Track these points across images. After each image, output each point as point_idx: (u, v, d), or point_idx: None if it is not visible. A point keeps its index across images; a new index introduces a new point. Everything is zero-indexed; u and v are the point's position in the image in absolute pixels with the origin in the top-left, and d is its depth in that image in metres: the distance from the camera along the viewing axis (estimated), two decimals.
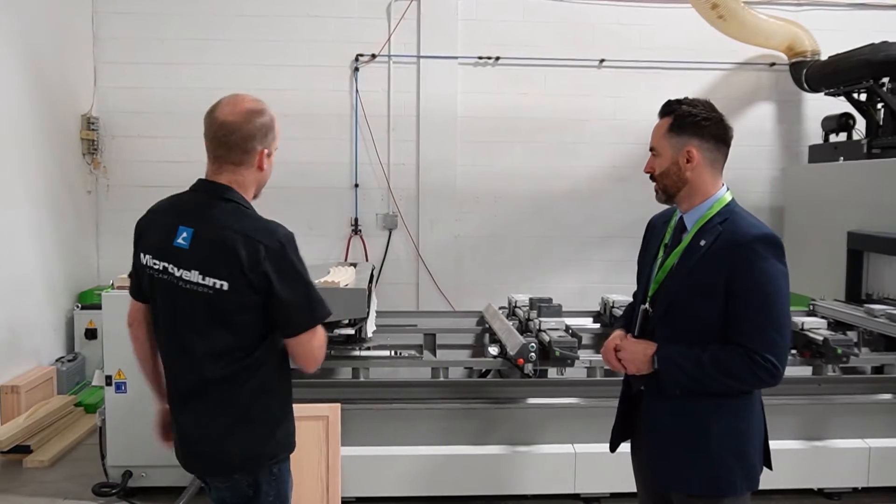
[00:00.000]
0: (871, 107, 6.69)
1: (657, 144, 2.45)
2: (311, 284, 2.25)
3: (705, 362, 2.30)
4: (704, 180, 2.41)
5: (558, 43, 7.34)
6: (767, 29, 7.12)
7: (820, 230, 6.64)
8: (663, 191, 2.46)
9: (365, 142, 7.29)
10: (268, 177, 2.34)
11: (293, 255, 2.22)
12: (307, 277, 2.24)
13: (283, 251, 2.19)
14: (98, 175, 7.11)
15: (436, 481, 4.19)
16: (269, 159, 2.30)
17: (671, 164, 2.41)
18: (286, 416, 2.37)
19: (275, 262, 2.17)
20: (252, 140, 2.24)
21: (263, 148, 2.27)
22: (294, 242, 2.24)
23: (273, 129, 2.29)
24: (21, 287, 5.73)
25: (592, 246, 7.52)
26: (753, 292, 2.27)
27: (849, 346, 4.41)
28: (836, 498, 4.37)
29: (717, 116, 2.40)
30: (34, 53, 6.03)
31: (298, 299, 2.21)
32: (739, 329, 2.29)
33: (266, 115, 2.27)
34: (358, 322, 4.29)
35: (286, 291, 2.18)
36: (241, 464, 2.28)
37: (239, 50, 7.13)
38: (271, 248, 2.17)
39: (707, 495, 2.38)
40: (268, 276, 2.16)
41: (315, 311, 2.26)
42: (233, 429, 2.26)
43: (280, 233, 2.22)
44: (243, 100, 2.26)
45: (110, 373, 4.30)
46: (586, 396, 4.30)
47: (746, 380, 2.30)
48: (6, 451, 4.89)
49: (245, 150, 2.24)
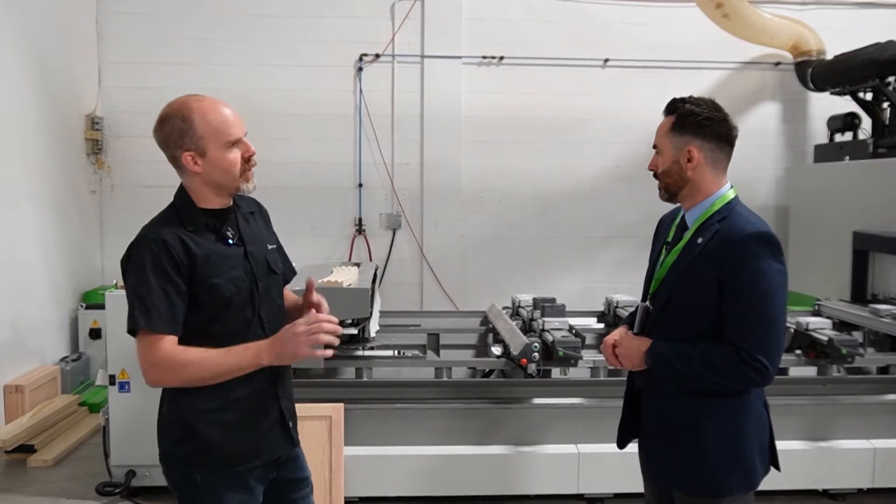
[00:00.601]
0: (877, 106, 6.66)
1: (659, 143, 2.45)
2: (135, 295, 2.12)
3: (695, 359, 2.29)
4: (706, 179, 2.40)
5: (563, 42, 7.33)
6: (772, 28, 7.10)
7: (825, 230, 6.61)
8: (665, 189, 2.47)
9: (369, 141, 7.29)
10: (217, 176, 2.22)
11: (136, 257, 2.15)
12: (134, 286, 2.12)
13: (130, 250, 2.18)
14: (102, 175, 7.13)
15: (439, 481, 4.18)
16: (204, 159, 2.19)
17: (672, 163, 2.41)
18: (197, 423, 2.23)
19: (123, 258, 2.20)
20: (166, 147, 2.22)
21: (184, 151, 2.18)
22: (144, 247, 2.14)
23: (190, 130, 2.16)
24: (25, 287, 5.75)
25: (596, 246, 7.51)
26: (746, 290, 2.25)
27: (854, 347, 4.39)
28: (841, 499, 4.35)
29: (719, 116, 2.38)
30: (38, 53, 6.04)
31: (128, 302, 2.16)
32: (730, 327, 2.28)
33: (176, 118, 2.17)
34: (361, 322, 4.28)
35: (125, 290, 2.17)
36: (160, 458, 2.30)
37: (243, 50, 7.13)
38: (130, 245, 2.20)
39: (703, 494, 2.37)
40: (121, 269, 2.20)
41: (129, 319, 2.12)
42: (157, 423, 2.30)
43: (141, 234, 2.20)
44: (166, 107, 2.23)
45: (114, 372, 4.30)
46: (590, 396, 4.29)
47: (735, 378, 2.28)
48: (10, 451, 4.90)
49: (170, 157, 2.24)
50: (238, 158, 2.23)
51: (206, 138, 2.18)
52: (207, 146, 2.18)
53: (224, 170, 2.21)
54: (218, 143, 2.19)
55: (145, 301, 2.09)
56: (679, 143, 2.39)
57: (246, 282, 2.25)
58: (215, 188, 2.24)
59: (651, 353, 2.39)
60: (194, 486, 2.22)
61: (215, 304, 2.18)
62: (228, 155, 2.21)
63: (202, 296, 2.16)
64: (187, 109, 2.17)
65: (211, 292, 2.17)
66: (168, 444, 2.25)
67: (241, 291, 2.23)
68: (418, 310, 7.00)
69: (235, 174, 2.23)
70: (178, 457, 2.23)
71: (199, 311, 2.17)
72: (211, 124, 2.18)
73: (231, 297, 2.21)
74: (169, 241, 2.13)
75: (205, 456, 2.21)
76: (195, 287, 2.15)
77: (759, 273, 2.25)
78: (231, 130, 2.21)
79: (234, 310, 2.23)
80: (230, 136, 2.20)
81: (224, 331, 2.20)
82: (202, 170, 2.20)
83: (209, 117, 2.18)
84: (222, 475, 2.23)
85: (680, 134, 2.38)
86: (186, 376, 2.12)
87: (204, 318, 2.18)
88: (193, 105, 2.19)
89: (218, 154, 2.19)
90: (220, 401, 2.20)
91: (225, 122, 2.20)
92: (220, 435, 2.22)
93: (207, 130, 2.17)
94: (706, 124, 2.37)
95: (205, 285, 2.16)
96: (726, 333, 2.29)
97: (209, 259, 2.18)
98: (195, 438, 2.21)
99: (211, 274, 2.17)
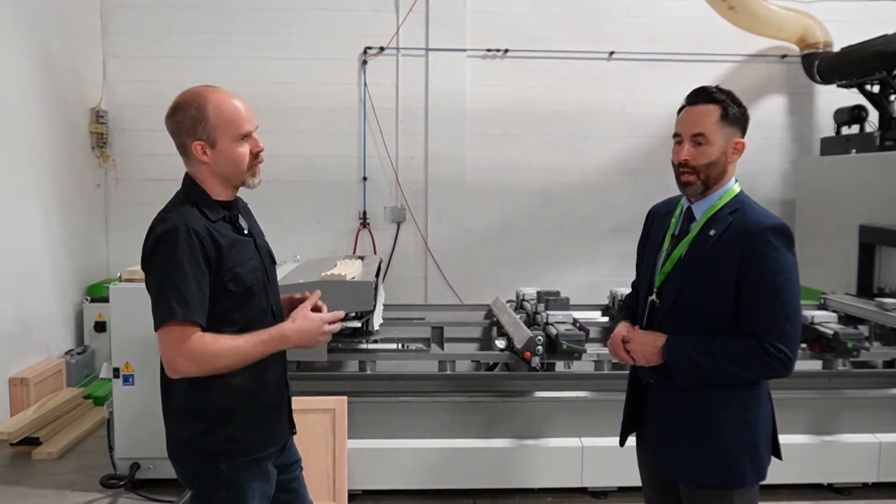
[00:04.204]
0: (884, 99, 6.62)
1: (709, 132, 2.33)
2: (169, 284, 2.08)
3: (716, 353, 2.29)
4: (731, 173, 2.40)
5: (568, 35, 7.30)
6: (779, 20, 7.06)
7: (831, 223, 6.58)
8: (704, 181, 2.36)
9: (373, 135, 7.28)
10: (224, 169, 2.23)
11: (168, 247, 2.10)
12: (169, 276, 2.09)
13: (161, 239, 2.13)
14: (107, 168, 7.14)
15: (442, 474, 4.18)
16: (213, 150, 2.20)
17: (721, 154, 2.35)
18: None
19: (150, 247, 2.15)
20: (178, 136, 2.22)
21: (194, 140, 2.19)
22: (178, 236, 2.10)
23: (204, 119, 2.18)
24: (30, 280, 5.76)
25: (601, 239, 7.49)
26: (765, 282, 2.26)
27: (860, 340, 4.37)
28: (846, 493, 4.33)
29: (747, 110, 2.41)
30: (43, 47, 6.04)
31: (152, 294, 2.14)
32: (751, 319, 2.28)
33: (190, 107, 2.19)
34: (365, 315, 4.28)
35: (148, 281, 2.15)
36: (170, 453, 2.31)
37: (248, 43, 7.13)
38: (155, 233, 2.15)
39: (716, 487, 2.36)
40: (143, 259, 2.17)
41: (157, 313, 2.11)
42: (164, 418, 2.30)
43: (169, 223, 2.14)
44: (179, 95, 2.24)
45: (118, 365, 4.31)
46: (594, 390, 4.29)
47: (758, 370, 2.29)
48: (15, 443, 4.92)
49: (179, 145, 2.24)
50: (247, 153, 2.26)
51: (219, 129, 2.20)
52: (218, 137, 2.20)
53: (233, 162, 2.24)
54: (229, 136, 2.21)
55: (182, 291, 2.08)
56: (729, 134, 2.35)
57: (260, 270, 2.30)
58: (221, 179, 2.26)
59: (669, 348, 2.36)
60: (217, 476, 2.23)
61: (240, 292, 2.22)
62: (238, 148, 2.23)
63: (230, 285, 2.19)
64: (203, 99, 2.20)
65: (236, 281, 2.20)
66: (187, 436, 2.24)
67: (259, 280, 2.28)
68: (422, 303, 7.00)
69: (243, 168, 2.26)
70: (201, 448, 2.23)
71: (224, 300, 2.19)
72: (224, 116, 2.20)
73: (252, 286, 2.25)
74: (199, 230, 2.15)
75: (231, 444, 2.23)
76: (223, 276, 2.18)
77: (778, 265, 2.26)
78: (243, 124, 2.23)
79: (255, 298, 2.27)
80: (242, 129, 2.23)
81: (245, 318, 2.23)
82: (210, 160, 2.22)
83: (223, 109, 2.20)
84: (246, 462, 2.26)
85: (729, 125, 2.35)
86: (217, 365, 2.14)
87: (228, 307, 2.20)
88: (209, 95, 2.21)
89: (228, 146, 2.22)
90: (250, 388, 2.25)
91: (238, 116, 2.22)
92: (250, 421, 2.25)
93: (220, 122, 2.19)
94: (748, 117, 2.38)
95: (230, 274, 2.19)
96: (745, 325, 2.28)
97: (232, 249, 2.21)
98: (224, 426, 2.22)
99: (234, 263, 2.21)
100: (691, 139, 2.35)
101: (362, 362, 4.40)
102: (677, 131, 2.41)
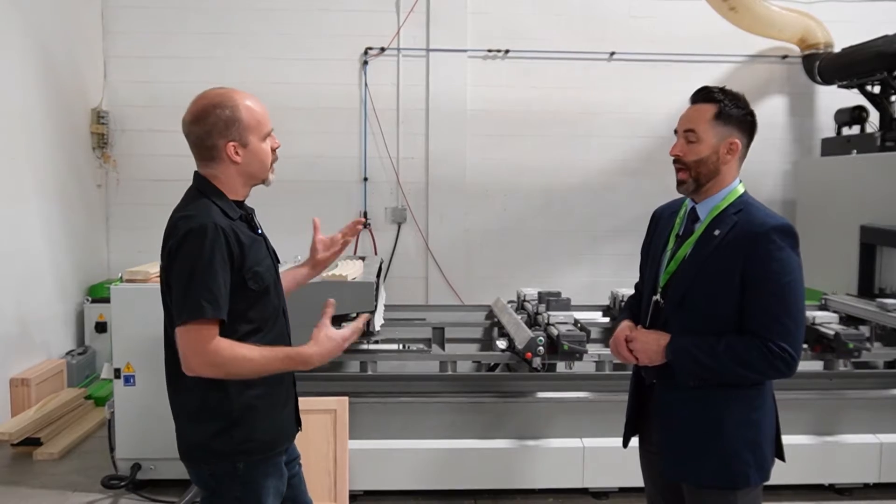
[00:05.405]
0: (885, 99, 6.62)
1: (700, 129, 2.37)
2: (199, 282, 2.08)
3: (720, 352, 2.29)
4: (731, 173, 2.41)
5: (568, 36, 7.30)
6: (780, 21, 7.06)
7: (832, 224, 6.58)
8: (695, 179, 2.39)
9: (374, 135, 7.28)
10: (254, 167, 2.28)
11: (197, 244, 2.10)
12: (199, 273, 2.09)
13: (187, 236, 2.12)
14: (108, 169, 7.13)
15: (444, 475, 4.18)
16: (245, 150, 2.24)
17: (711, 153, 2.37)
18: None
19: (176, 244, 2.14)
20: (209, 137, 2.22)
21: (228, 141, 2.22)
22: (206, 233, 2.10)
23: (237, 121, 2.21)
24: (31, 281, 5.76)
25: (602, 240, 7.49)
26: (770, 282, 2.27)
27: (861, 341, 4.38)
28: (847, 494, 4.33)
29: (754, 113, 2.41)
30: (44, 47, 6.04)
31: (179, 290, 2.12)
32: (755, 319, 2.28)
33: (223, 108, 2.21)
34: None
35: (174, 277, 2.14)
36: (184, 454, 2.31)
37: (249, 43, 7.13)
38: (181, 229, 2.14)
39: (720, 487, 2.36)
40: (169, 255, 2.17)
41: (183, 310, 2.09)
42: (176, 418, 2.31)
43: (196, 220, 2.13)
44: (203, 97, 2.25)
45: (119, 366, 4.30)
46: (595, 390, 4.29)
47: (762, 370, 2.29)
48: (16, 444, 4.92)
49: (205, 147, 2.23)
50: (269, 150, 2.32)
51: (251, 129, 2.25)
52: (250, 137, 2.25)
53: (260, 161, 2.29)
54: (258, 135, 2.27)
55: (212, 289, 2.10)
56: (723, 134, 2.36)
57: (273, 269, 2.34)
58: (248, 178, 2.31)
59: (673, 348, 2.37)
60: (234, 476, 2.24)
61: (260, 291, 2.24)
62: (264, 146, 2.30)
63: (250, 283, 2.21)
64: (233, 101, 2.23)
65: (256, 280, 2.22)
66: (203, 437, 2.24)
67: (273, 280, 2.32)
68: (423, 304, 7.00)
69: (268, 165, 2.33)
70: (218, 448, 2.23)
71: (243, 299, 2.20)
72: (255, 116, 2.26)
73: (269, 285, 2.29)
74: (226, 229, 2.17)
75: (249, 443, 2.24)
76: (244, 275, 2.20)
77: (783, 265, 2.27)
78: (268, 123, 2.31)
79: (270, 296, 2.30)
80: (267, 128, 2.31)
81: (260, 317, 2.26)
82: (242, 160, 2.26)
83: (253, 110, 2.26)
84: (261, 460, 2.28)
85: (724, 124, 2.36)
86: (230, 371, 2.14)
87: (247, 305, 2.22)
88: (236, 97, 2.25)
89: (257, 145, 2.28)
90: (265, 387, 2.27)
91: (264, 115, 2.30)
92: (266, 419, 2.28)
93: (252, 122, 2.25)
94: (749, 119, 2.39)
95: (251, 273, 2.21)
96: (750, 325, 2.29)
97: (251, 248, 2.24)
98: (240, 426, 2.23)
99: (254, 262, 2.23)
100: (684, 135, 2.41)
101: (363, 363, 4.40)
102: (675, 127, 2.46)
